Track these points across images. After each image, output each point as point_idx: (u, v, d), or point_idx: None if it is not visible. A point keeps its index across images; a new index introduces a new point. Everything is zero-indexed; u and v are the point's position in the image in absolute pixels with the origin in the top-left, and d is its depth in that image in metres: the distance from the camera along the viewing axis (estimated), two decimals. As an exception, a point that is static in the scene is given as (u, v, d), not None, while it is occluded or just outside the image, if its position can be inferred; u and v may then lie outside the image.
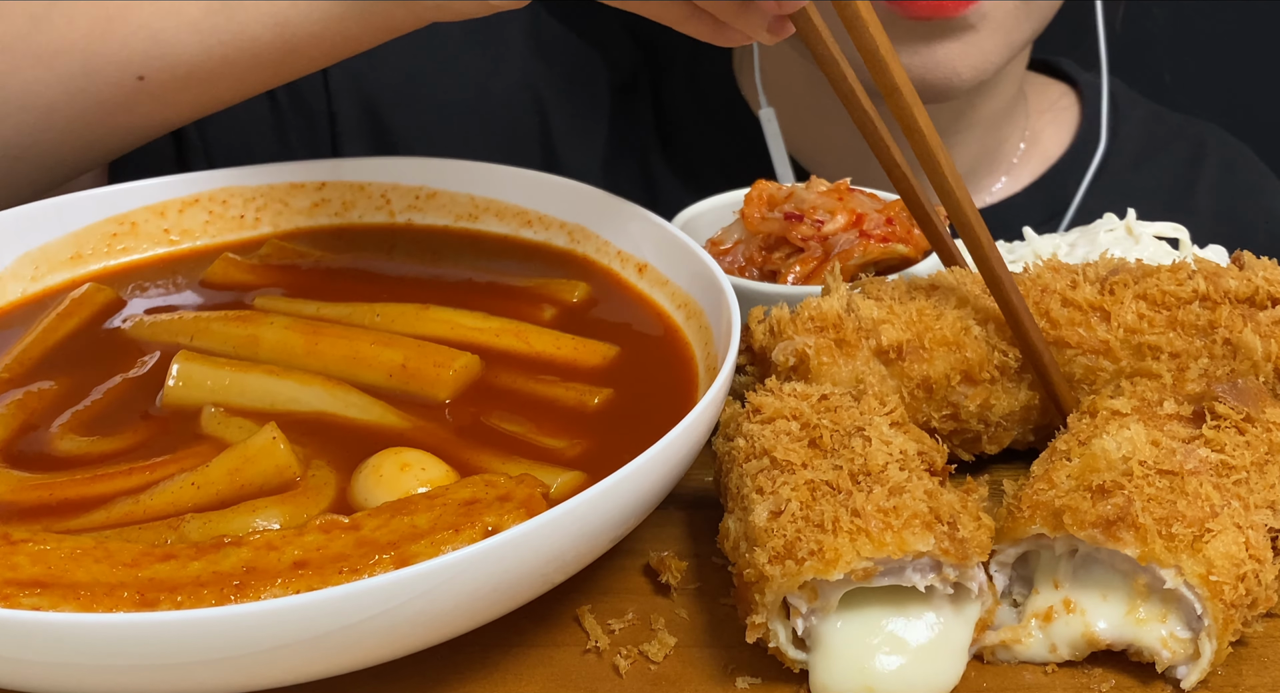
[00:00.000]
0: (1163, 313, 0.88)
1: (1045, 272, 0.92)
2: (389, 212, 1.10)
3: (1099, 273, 0.91)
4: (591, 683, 0.75)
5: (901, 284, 0.92)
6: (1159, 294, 0.88)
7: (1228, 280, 0.88)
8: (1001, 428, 0.90)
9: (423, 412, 0.85)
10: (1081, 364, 0.88)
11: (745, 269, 1.04)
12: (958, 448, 0.91)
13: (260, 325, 0.91)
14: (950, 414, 0.89)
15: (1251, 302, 0.88)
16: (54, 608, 0.65)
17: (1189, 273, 0.90)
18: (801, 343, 0.87)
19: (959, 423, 0.89)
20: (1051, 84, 1.59)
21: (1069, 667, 0.75)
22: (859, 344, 0.87)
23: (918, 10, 1.22)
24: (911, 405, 0.87)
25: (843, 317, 0.88)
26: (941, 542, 0.71)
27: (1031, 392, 0.89)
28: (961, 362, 0.87)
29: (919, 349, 0.87)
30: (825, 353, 0.86)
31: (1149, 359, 0.87)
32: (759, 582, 0.72)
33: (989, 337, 0.88)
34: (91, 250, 1.02)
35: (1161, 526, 0.72)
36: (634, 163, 1.49)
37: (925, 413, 0.88)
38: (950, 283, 0.91)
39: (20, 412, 0.85)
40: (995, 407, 0.88)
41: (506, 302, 0.97)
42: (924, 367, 0.87)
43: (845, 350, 0.87)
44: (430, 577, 0.64)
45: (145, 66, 1.00)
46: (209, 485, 0.77)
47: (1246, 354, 0.86)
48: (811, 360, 0.86)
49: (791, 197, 1.06)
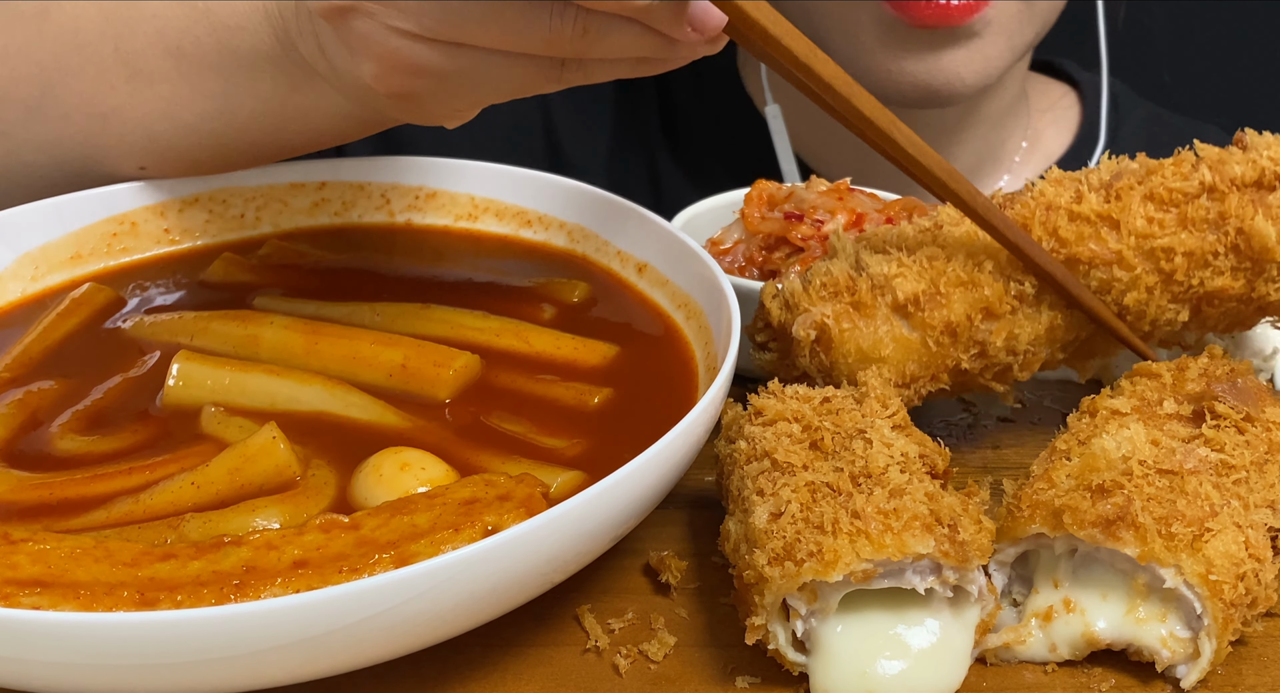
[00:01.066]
0: (1171, 212, 0.87)
1: (1048, 186, 0.90)
2: (389, 211, 1.10)
3: (1102, 178, 0.89)
4: (591, 683, 0.75)
5: (907, 230, 0.91)
6: (1166, 193, 0.87)
7: (1233, 167, 0.87)
8: (1030, 354, 0.89)
9: (423, 411, 0.85)
10: (1097, 278, 0.87)
11: (745, 269, 1.04)
12: (990, 381, 0.90)
13: (260, 325, 0.91)
14: (978, 352, 0.87)
15: (1259, 184, 0.86)
16: (54, 608, 0.65)
17: (1193, 164, 0.88)
18: (819, 313, 0.86)
19: (988, 359, 0.88)
20: (1053, 84, 1.60)
21: (1069, 666, 0.75)
22: (875, 303, 0.86)
23: (924, 19, 1.22)
24: (938, 352, 0.86)
25: (854, 278, 0.87)
26: (942, 544, 0.70)
27: (1053, 312, 0.88)
28: (980, 299, 0.86)
29: (935, 296, 0.86)
30: (844, 319, 0.85)
31: (1163, 261, 0.86)
32: (758, 583, 0.72)
33: (1002, 269, 0.87)
34: (91, 250, 1.02)
35: (1161, 525, 0.72)
36: (639, 160, 1.49)
37: (953, 356, 0.87)
38: (954, 218, 0.90)
39: (20, 411, 0.85)
40: (1021, 336, 0.87)
41: (506, 301, 0.97)
42: (944, 312, 0.86)
43: (864, 312, 0.86)
44: (430, 577, 0.64)
45: (145, 159, 1.01)
46: (209, 485, 0.77)
47: (1260, 242, 0.85)
48: (832, 330, 0.85)
49: (791, 196, 1.06)
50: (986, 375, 0.89)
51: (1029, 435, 0.98)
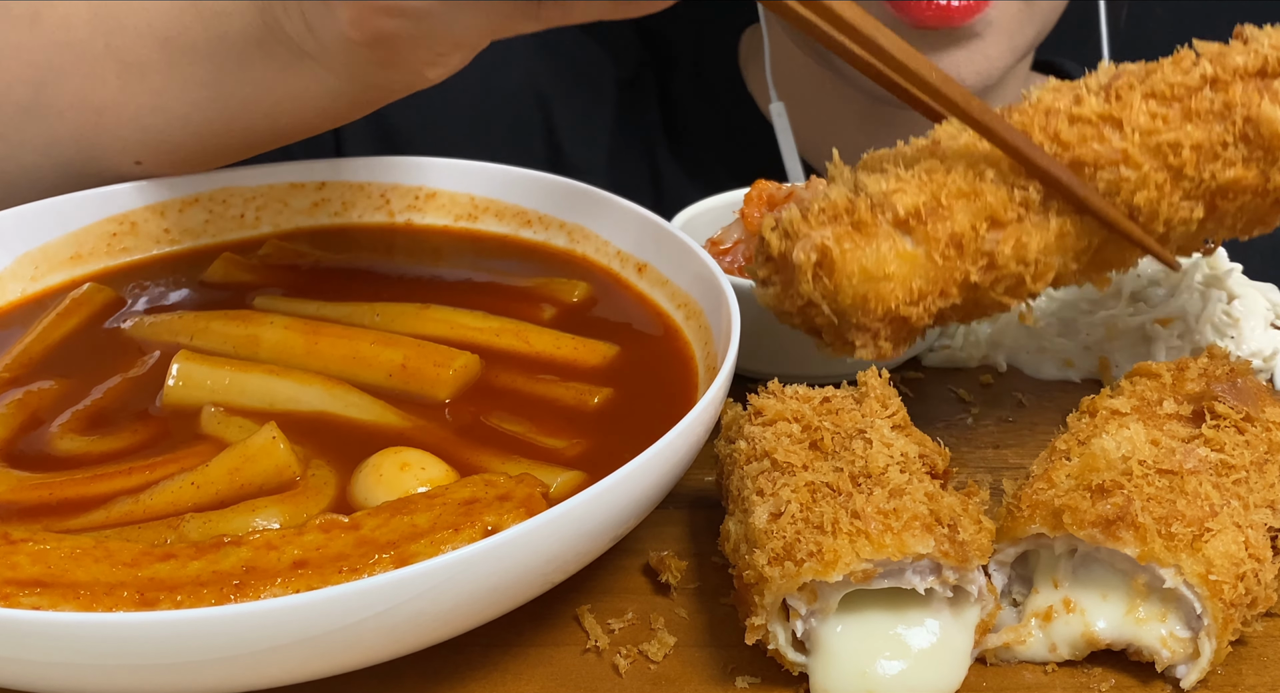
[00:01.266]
0: (1174, 107, 0.84)
1: (1046, 93, 0.88)
2: (388, 211, 1.10)
3: (1100, 81, 0.87)
4: (591, 683, 0.75)
5: (904, 149, 0.88)
6: (1167, 89, 0.85)
7: (1234, 58, 0.85)
8: (1042, 263, 0.85)
9: (423, 411, 0.85)
10: (1104, 179, 0.84)
11: (745, 269, 1.04)
12: (1003, 296, 0.86)
13: (260, 325, 0.91)
14: (987, 264, 0.84)
15: (1263, 73, 0.84)
16: (54, 608, 0.65)
17: (1193, 60, 0.86)
18: (819, 236, 0.83)
19: (997, 270, 0.84)
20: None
21: (1069, 667, 0.75)
22: (876, 221, 0.83)
23: (924, 19, 1.22)
24: (945, 266, 0.83)
25: (853, 199, 0.84)
26: (941, 544, 0.70)
27: (1062, 218, 0.85)
28: (984, 208, 0.83)
29: (937, 208, 0.83)
30: (845, 240, 0.82)
31: (1170, 157, 0.84)
32: (758, 583, 0.72)
33: (1004, 176, 0.84)
34: (91, 250, 1.02)
35: (1161, 525, 0.72)
36: (640, 160, 1.49)
37: (961, 269, 0.84)
38: (951, 132, 0.88)
39: (20, 411, 0.85)
40: (1030, 244, 0.84)
41: (506, 301, 0.97)
42: (947, 224, 0.82)
43: (864, 232, 0.82)
44: (430, 577, 0.64)
45: (141, 153, 1.01)
46: (209, 485, 0.77)
47: (1269, 128, 0.82)
48: (833, 251, 0.82)
49: (791, 196, 1.06)
50: (998, 289, 0.85)
51: (1029, 435, 0.98)
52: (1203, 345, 1.04)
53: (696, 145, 1.49)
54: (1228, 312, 1.06)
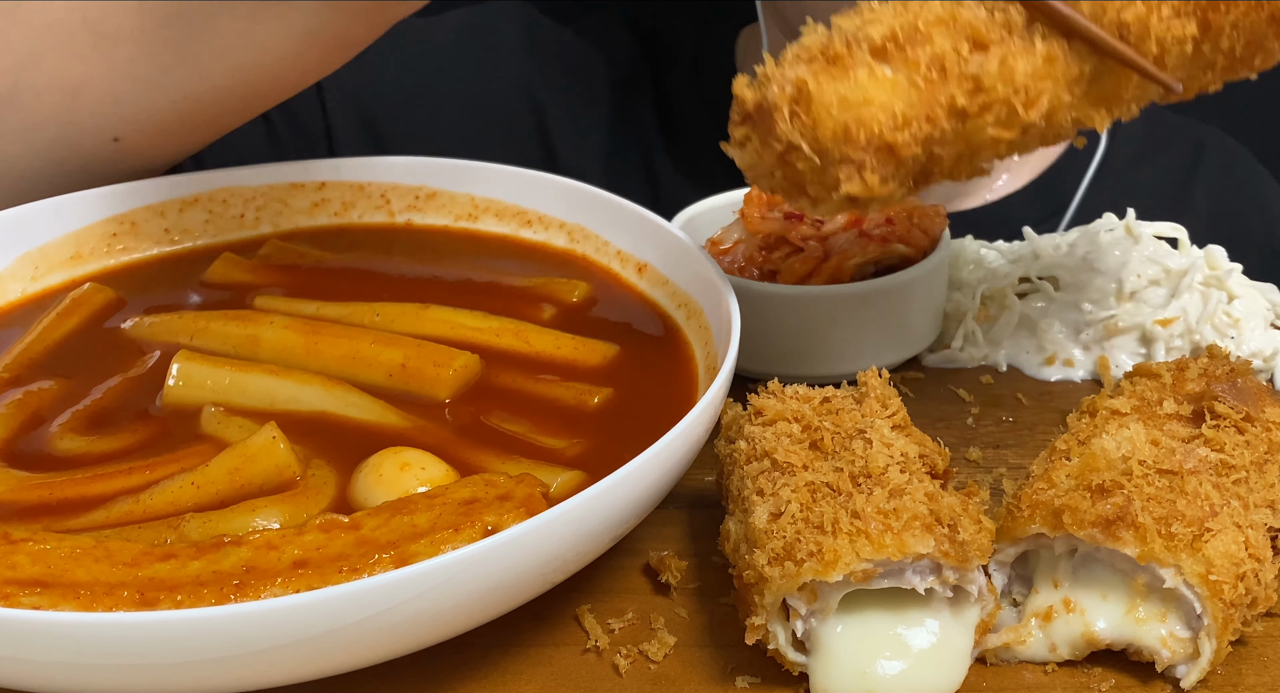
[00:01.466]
0: None
1: None
2: (388, 212, 1.10)
3: None
4: (591, 683, 0.75)
5: None
6: None
7: None
8: (1032, 89, 0.81)
9: (423, 411, 0.85)
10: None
11: (745, 269, 1.04)
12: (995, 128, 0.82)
13: (260, 325, 0.91)
14: (974, 87, 0.80)
15: None
16: (54, 608, 0.65)
17: None
18: (794, 73, 0.79)
19: (985, 94, 0.80)
20: None
21: (1069, 666, 0.75)
22: (853, 53, 0.79)
23: None
24: (927, 90, 0.80)
25: (828, 38, 0.81)
26: (941, 544, 0.71)
27: (1048, 42, 0.81)
28: (964, 29, 0.80)
29: (915, 34, 0.80)
30: (822, 75, 0.79)
31: None
32: (758, 583, 0.72)
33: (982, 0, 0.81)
34: (91, 250, 1.02)
35: (1161, 525, 0.72)
36: (637, 161, 1.49)
37: (946, 92, 0.80)
38: None
39: (20, 411, 0.85)
40: (1018, 67, 0.80)
41: (506, 301, 0.97)
42: (927, 48, 0.79)
43: (841, 64, 0.79)
44: (430, 576, 0.64)
45: (119, 129, 1.01)
46: (209, 485, 0.77)
47: None
48: (810, 85, 0.78)
49: (791, 196, 1.06)
50: (988, 118, 0.81)
51: (1029, 435, 0.98)
52: (1203, 345, 1.04)
53: (693, 146, 1.49)
54: (1228, 312, 1.06)
